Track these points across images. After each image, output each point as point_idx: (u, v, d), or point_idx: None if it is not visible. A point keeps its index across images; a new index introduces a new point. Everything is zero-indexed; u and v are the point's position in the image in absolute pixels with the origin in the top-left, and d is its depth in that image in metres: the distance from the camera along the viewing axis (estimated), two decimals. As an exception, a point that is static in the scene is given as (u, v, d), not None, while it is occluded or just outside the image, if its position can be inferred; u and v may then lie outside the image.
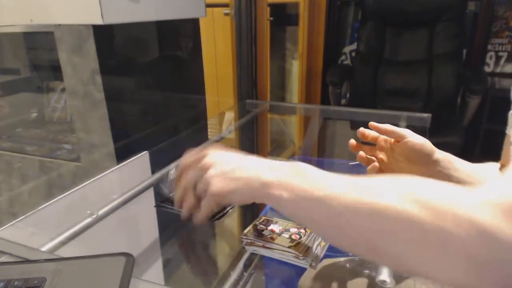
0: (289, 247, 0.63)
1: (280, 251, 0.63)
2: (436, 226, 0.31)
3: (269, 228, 0.69)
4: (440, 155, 0.63)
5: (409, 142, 0.61)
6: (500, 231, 0.28)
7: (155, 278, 1.06)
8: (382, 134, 0.64)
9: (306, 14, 2.20)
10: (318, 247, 0.66)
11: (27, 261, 0.52)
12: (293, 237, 0.66)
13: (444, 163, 0.63)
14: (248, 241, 0.66)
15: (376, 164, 0.64)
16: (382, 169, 0.65)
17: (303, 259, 0.62)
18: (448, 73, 2.06)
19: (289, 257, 0.63)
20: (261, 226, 0.70)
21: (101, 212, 0.71)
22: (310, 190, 0.40)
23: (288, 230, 0.68)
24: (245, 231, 0.68)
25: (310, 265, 0.61)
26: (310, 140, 1.53)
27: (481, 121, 2.13)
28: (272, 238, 0.66)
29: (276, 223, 0.71)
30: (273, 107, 1.45)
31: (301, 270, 0.74)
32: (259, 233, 0.67)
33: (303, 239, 0.65)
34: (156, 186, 0.76)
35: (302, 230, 0.68)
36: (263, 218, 0.73)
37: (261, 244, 0.65)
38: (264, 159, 0.49)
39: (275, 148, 2.31)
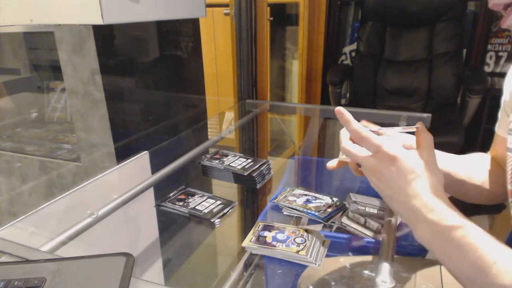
0: (297, 252, 0.63)
1: (288, 255, 0.63)
2: None
3: (270, 234, 0.69)
4: None
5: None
6: None
7: (155, 278, 1.06)
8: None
9: (306, 14, 2.20)
10: (321, 245, 0.66)
11: (27, 261, 0.52)
12: (297, 240, 0.66)
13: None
14: (253, 248, 0.66)
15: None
16: None
17: (313, 261, 0.62)
18: (448, 73, 2.06)
19: (298, 259, 0.63)
20: (262, 233, 0.69)
21: (101, 212, 0.71)
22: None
23: (290, 236, 0.68)
24: (247, 239, 0.68)
25: (318, 265, 0.62)
26: (310, 140, 1.53)
27: (481, 121, 2.12)
28: (277, 245, 0.65)
29: (277, 228, 0.71)
30: (273, 107, 1.45)
31: (301, 270, 0.74)
32: (260, 240, 0.67)
33: (307, 243, 0.65)
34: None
35: (304, 232, 0.68)
36: (260, 224, 0.72)
37: (268, 252, 0.65)
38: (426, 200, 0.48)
39: (275, 148, 2.31)
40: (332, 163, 0.63)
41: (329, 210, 0.80)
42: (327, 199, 0.84)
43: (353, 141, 0.55)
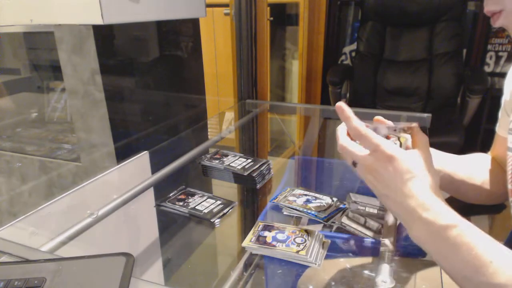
0: (297, 252, 0.63)
1: (288, 255, 0.64)
2: None
3: (270, 234, 0.69)
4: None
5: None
6: None
7: (155, 278, 1.06)
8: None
9: (306, 14, 2.20)
10: (321, 245, 0.66)
11: (27, 261, 0.52)
12: (297, 240, 0.66)
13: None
14: (253, 248, 0.66)
15: None
16: None
17: (313, 261, 0.62)
18: (448, 73, 2.06)
19: (298, 259, 0.63)
20: (262, 233, 0.69)
21: (101, 212, 0.71)
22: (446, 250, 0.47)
23: (290, 236, 0.68)
24: (247, 239, 0.68)
25: (318, 265, 0.62)
26: (310, 140, 1.53)
27: (481, 121, 2.13)
28: (277, 245, 0.66)
29: (277, 228, 0.71)
30: (273, 107, 1.45)
31: (301, 270, 0.74)
32: (260, 240, 0.67)
33: (307, 243, 0.65)
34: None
35: (304, 232, 0.68)
36: (260, 224, 0.72)
37: (268, 252, 0.65)
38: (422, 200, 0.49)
39: (275, 148, 2.31)
40: None
41: (329, 210, 0.80)
42: (327, 199, 0.84)
43: (350, 138, 0.55)
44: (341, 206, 0.82)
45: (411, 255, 0.78)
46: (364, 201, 0.83)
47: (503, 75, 2.21)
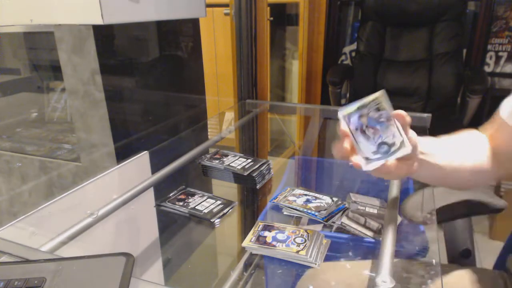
0: (297, 252, 0.63)
1: (288, 255, 0.64)
2: None
3: (270, 234, 0.69)
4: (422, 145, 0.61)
5: None
6: None
7: (155, 278, 1.06)
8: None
9: (306, 14, 2.20)
10: (321, 245, 0.66)
11: (27, 261, 0.52)
12: (297, 240, 0.66)
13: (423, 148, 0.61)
14: (253, 248, 0.66)
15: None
16: None
17: (313, 261, 0.62)
18: (448, 73, 2.06)
19: (298, 259, 0.63)
20: (262, 232, 0.69)
21: (101, 212, 0.71)
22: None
23: (290, 236, 0.68)
24: (247, 239, 0.68)
25: (318, 265, 0.62)
26: (310, 140, 1.53)
27: (481, 121, 2.12)
28: (277, 245, 0.66)
29: (277, 228, 0.71)
30: (273, 107, 1.45)
31: (301, 270, 0.74)
32: (260, 240, 0.67)
33: (307, 243, 0.65)
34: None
35: (304, 232, 0.68)
36: (260, 224, 0.72)
37: (268, 252, 0.65)
38: None
39: (275, 148, 2.31)
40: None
41: (329, 210, 0.80)
42: (327, 199, 0.84)
43: None
44: (341, 206, 0.82)
45: (411, 255, 0.78)
46: (364, 201, 0.83)
47: (503, 75, 2.21)
